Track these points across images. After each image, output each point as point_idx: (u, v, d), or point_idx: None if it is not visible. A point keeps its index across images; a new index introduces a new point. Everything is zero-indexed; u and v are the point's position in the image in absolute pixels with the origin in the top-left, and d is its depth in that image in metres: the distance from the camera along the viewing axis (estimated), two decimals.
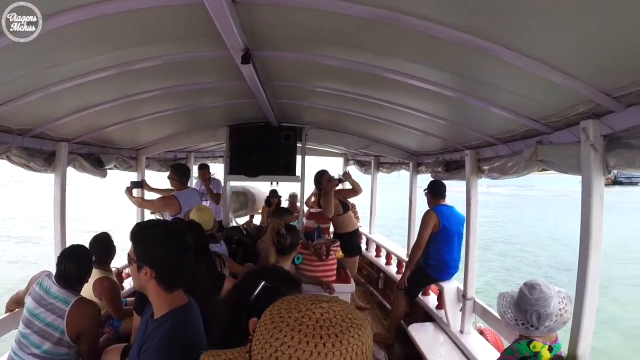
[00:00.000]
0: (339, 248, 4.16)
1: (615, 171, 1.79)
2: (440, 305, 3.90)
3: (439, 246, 3.89)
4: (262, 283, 1.29)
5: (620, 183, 60.54)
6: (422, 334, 3.77)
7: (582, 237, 1.82)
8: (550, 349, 1.85)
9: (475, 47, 1.65)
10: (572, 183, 28.88)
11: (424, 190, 4.17)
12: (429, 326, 3.94)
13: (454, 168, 3.89)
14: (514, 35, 1.56)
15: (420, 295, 4.29)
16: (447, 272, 3.93)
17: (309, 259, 3.81)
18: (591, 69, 1.63)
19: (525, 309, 1.86)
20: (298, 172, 4.97)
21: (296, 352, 0.69)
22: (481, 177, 3.35)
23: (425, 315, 4.15)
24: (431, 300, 4.23)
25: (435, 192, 4.03)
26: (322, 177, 4.78)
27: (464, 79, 2.28)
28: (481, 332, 3.54)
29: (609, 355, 6.51)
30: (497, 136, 2.90)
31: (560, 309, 1.84)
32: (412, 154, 5.00)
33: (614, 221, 18.48)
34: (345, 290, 3.75)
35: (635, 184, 62.02)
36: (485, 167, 3.23)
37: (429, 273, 3.97)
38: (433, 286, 4.19)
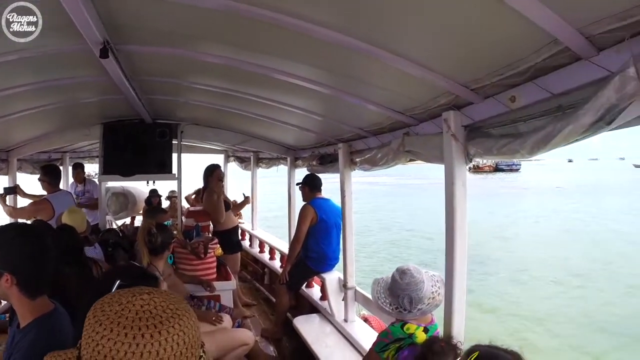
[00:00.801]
0: (218, 245, 4.14)
1: (480, 159, 1.93)
2: (324, 296, 3.96)
3: (318, 239, 3.94)
4: (117, 282, 1.31)
5: (502, 170, 71.15)
6: (307, 325, 3.80)
7: (448, 223, 1.93)
8: (425, 330, 1.94)
9: (346, 45, 1.71)
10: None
11: (298, 184, 4.18)
12: (314, 317, 3.98)
13: (328, 161, 3.94)
14: (380, 33, 1.63)
15: (304, 288, 4.32)
16: (327, 263, 4.01)
17: (188, 258, 3.78)
18: (450, 63, 1.73)
19: (397, 294, 1.93)
20: (174, 170, 4.73)
21: (115, 345, 0.70)
22: (354, 169, 3.44)
23: (311, 307, 4.20)
24: (315, 292, 4.28)
25: (312, 185, 4.06)
26: (213, 173, 4.50)
27: (337, 75, 2.34)
28: (365, 320, 3.68)
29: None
30: (367, 129, 3.00)
31: (432, 292, 1.93)
32: (289, 148, 5.03)
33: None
34: (226, 288, 3.74)
35: (516, 170, 73.63)
36: (357, 159, 3.31)
37: (310, 265, 4.01)
38: (316, 278, 4.24)
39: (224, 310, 3.42)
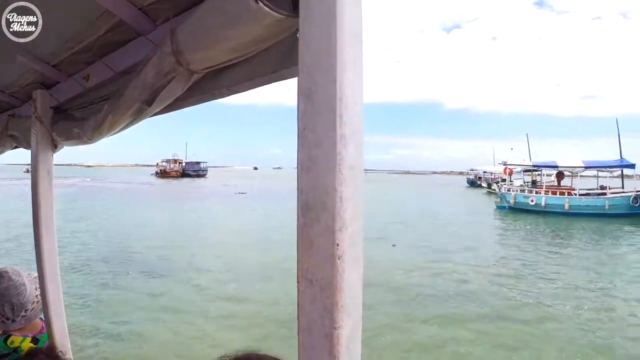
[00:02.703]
0: None
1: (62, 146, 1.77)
2: None
3: None
4: None
5: (189, 175, 70.67)
6: None
7: (34, 217, 1.70)
8: (35, 341, 1.69)
9: None
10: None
11: None
12: None
13: None
14: None
15: None
16: None
17: None
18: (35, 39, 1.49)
19: None
20: None
21: None
22: None
23: None
24: None
25: None
26: None
27: None
28: None
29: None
30: None
31: (36, 296, 1.71)
32: None
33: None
34: None
35: (203, 175, 74.26)
36: None
37: None
38: None
39: None
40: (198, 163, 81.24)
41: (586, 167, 25.08)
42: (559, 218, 21.30)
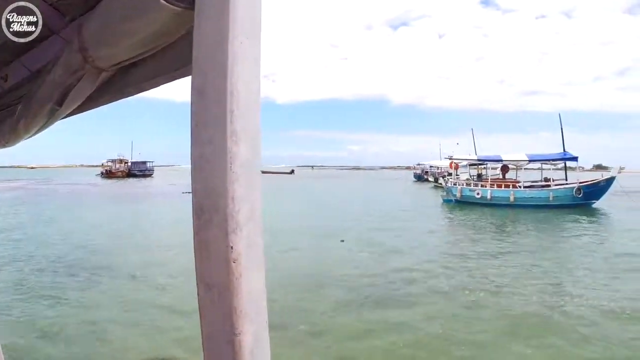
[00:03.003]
0: None
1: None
2: None
3: None
4: None
5: (135, 175, 68.94)
6: None
7: None
8: None
9: None
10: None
11: None
12: None
13: None
14: None
15: None
16: None
17: None
18: None
19: None
20: None
21: None
22: None
23: None
24: None
25: None
26: None
27: None
28: None
29: None
30: None
31: None
32: None
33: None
34: None
35: (149, 175, 72.52)
36: None
37: None
38: None
39: None
40: (144, 162, 78.64)
41: (530, 160, 25.90)
42: (504, 210, 22.15)
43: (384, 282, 8.46)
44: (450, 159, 29.92)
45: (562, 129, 25.64)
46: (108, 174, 71.44)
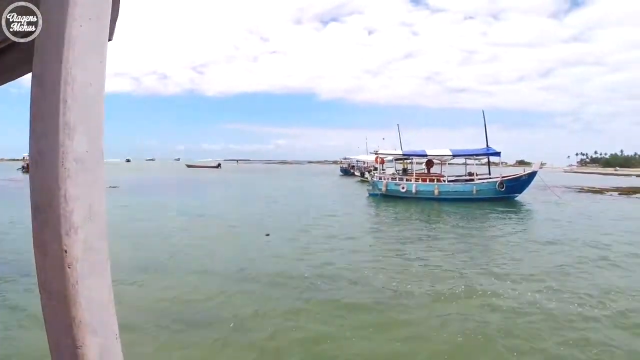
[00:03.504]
0: None
1: None
2: None
3: None
4: None
5: None
6: None
7: None
8: None
9: None
10: None
11: None
12: None
13: None
14: None
15: None
16: None
17: None
18: None
19: None
20: None
21: None
22: None
23: None
24: None
25: None
26: None
27: None
28: None
29: None
30: None
31: None
32: None
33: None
34: None
35: None
36: None
37: None
38: None
39: None
40: None
41: (454, 155, 26.42)
42: (429, 203, 22.67)
43: (311, 273, 8.25)
44: (375, 153, 30.01)
45: (485, 125, 26.19)
46: (28, 169, 70.26)
